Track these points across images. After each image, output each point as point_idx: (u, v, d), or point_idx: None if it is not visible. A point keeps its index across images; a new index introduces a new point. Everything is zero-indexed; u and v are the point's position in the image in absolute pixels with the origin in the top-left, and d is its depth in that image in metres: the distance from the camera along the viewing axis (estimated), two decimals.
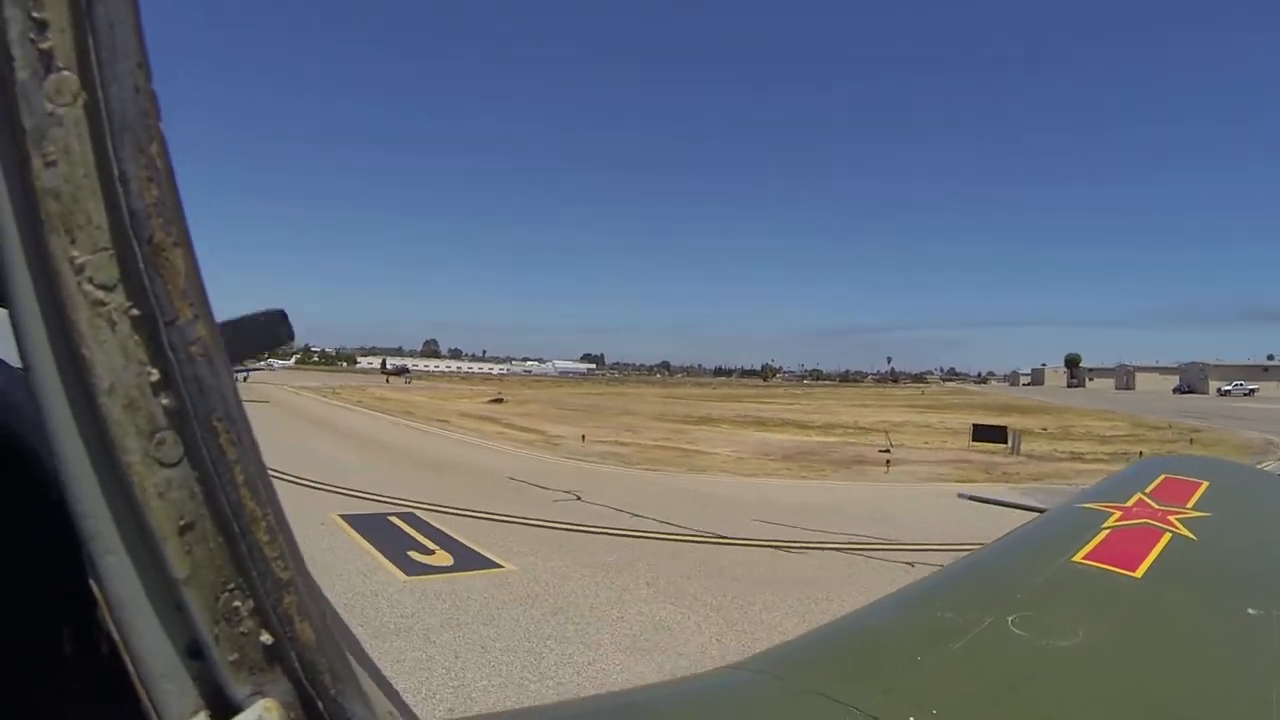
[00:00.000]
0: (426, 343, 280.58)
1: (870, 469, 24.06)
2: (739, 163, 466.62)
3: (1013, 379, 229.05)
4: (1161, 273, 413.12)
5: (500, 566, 9.81)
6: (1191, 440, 34.37)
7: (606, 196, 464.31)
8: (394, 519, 12.40)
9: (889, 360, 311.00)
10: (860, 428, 44.38)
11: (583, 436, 28.53)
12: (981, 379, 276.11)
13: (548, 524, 12.74)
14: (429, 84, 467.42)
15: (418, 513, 12.96)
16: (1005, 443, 31.20)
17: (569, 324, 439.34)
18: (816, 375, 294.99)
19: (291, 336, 0.89)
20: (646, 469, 21.57)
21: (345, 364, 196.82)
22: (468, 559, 10.10)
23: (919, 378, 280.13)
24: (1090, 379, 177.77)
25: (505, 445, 25.93)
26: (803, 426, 43.98)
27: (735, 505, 15.92)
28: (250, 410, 0.67)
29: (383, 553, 10.15)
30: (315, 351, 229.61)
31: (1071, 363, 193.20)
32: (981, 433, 32.93)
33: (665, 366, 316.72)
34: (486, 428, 32.90)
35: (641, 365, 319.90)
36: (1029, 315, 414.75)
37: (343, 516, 12.23)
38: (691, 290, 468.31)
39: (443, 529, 11.78)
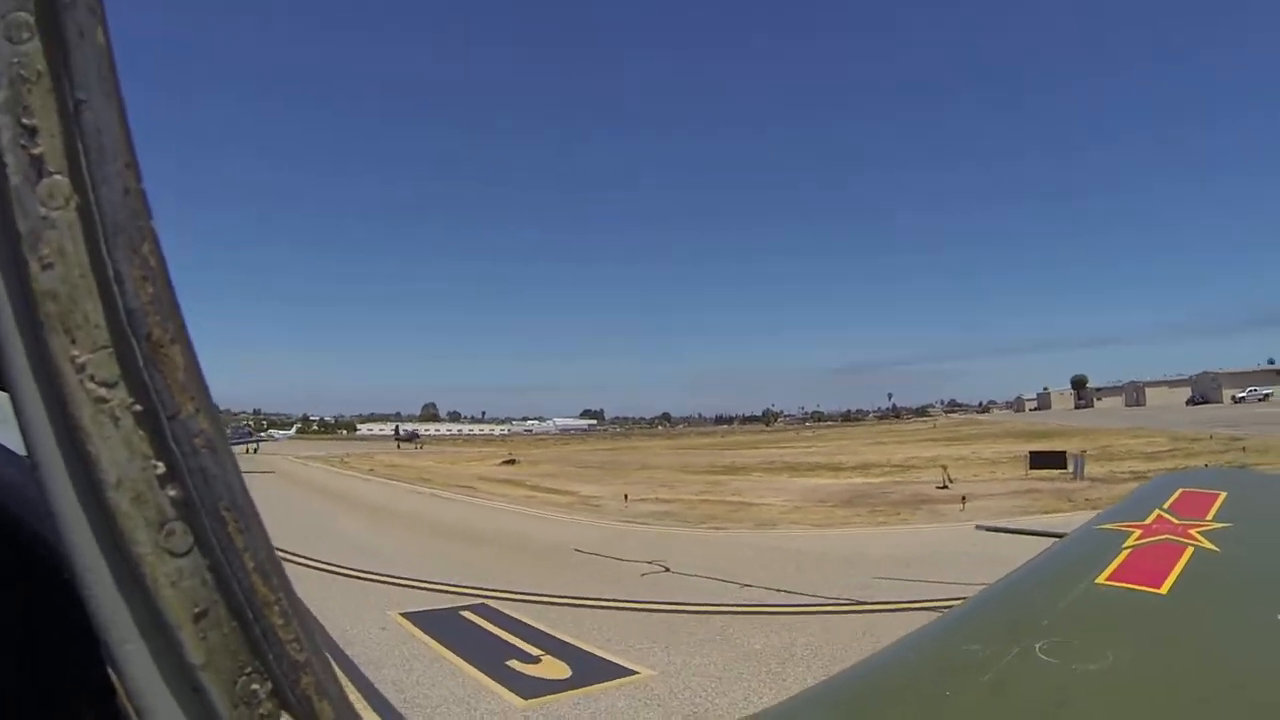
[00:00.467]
0: (425, 406, 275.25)
1: (941, 508, 22.26)
2: (716, 209, 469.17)
3: (1017, 405, 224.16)
4: (1156, 285, 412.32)
5: (634, 673, 7.66)
6: (1244, 448, 32.67)
7: (591, 253, 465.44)
8: (468, 614, 10.20)
9: (890, 396, 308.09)
10: (895, 465, 42.95)
11: (625, 496, 26.48)
12: (983, 408, 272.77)
13: (652, 606, 10.64)
14: (410, 146, 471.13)
15: (491, 603, 10.75)
16: (1064, 468, 29.65)
17: (564, 381, 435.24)
18: (818, 417, 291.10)
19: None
20: (711, 528, 19.49)
21: (345, 431, 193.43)
22: (587, 666, 7.91)
23: (921, 411, 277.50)
24: (1098, 398, 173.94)
25: (544, 511, 23.75)
26: (836, 469, 42.42)
27: (836, 562, 14.00)
28: (257, 481, 0.63)
29: (475, 665, 7.96)
30: (314, 420, 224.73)
31: (1078, 384, 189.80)
32: (1039, 459, 31.44)
33: (666, 418, 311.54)
34: (514, 491, 30.77)
35: (641, 418, 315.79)
36: (1022, 341, 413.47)
37: (405, 616, 10.01)
38: (685, 340, 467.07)
39: (533, 623, 9.59)
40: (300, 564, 13.25)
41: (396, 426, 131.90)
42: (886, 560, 13.74)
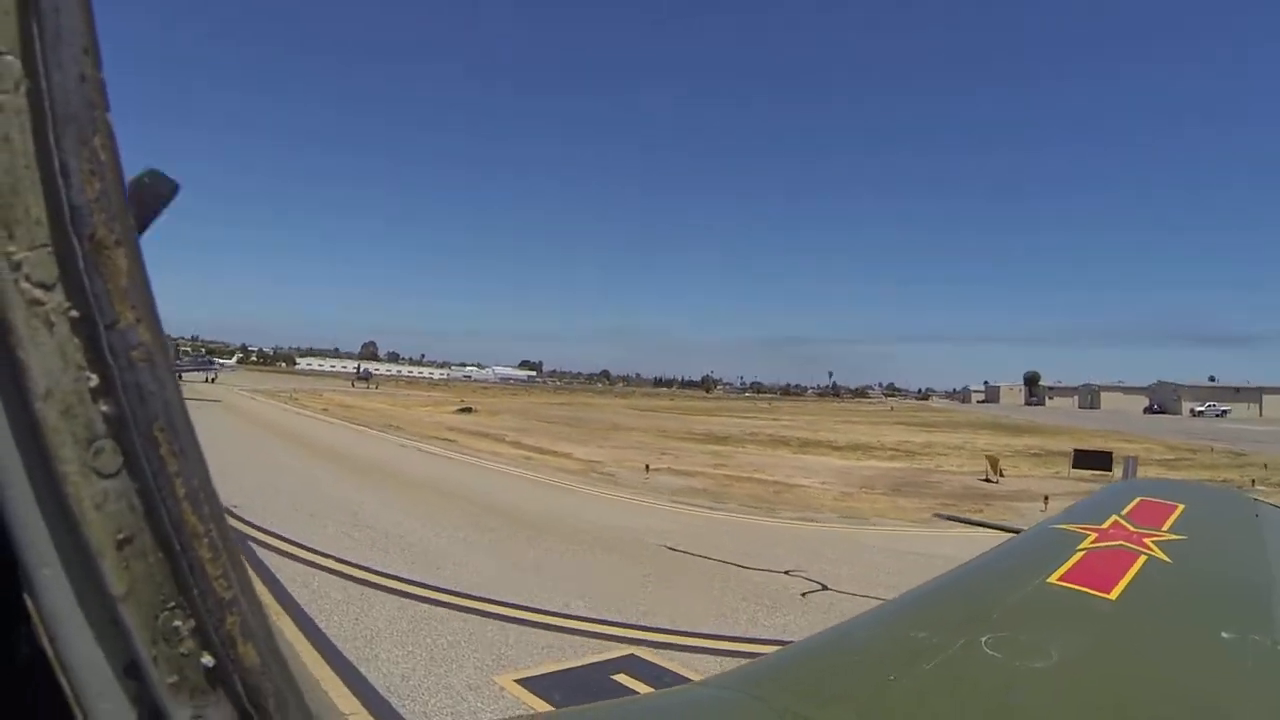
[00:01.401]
0: (365, 345, 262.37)
1: (1018, 505, 19.27)
2: (679, 173, 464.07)
3: (964, 395, 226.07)
4: (1105, 293, 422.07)
5: None
6: (1266, 466, 31.22)
7: (543, 203, 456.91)
8: (625, 680, 6.11)
9: (830, 374, 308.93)
10: (892, 449, 40.79)
11: (646, 466, 22.61)
12: (923, 395, 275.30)
13: None
14: (364, 83, 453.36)
15: (639, 651, 6.75)
16: (1108, 469, 27.37)
17: (504, 329, 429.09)
18: (758, 388, 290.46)
19: (176, 189, 0.76)
20: (795, 518, 15.66)
21: (284, 365, 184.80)
22: None
23: (860, 392, 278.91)
24: (1049, 397, 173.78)
25: (558, 479, 19.58)
26: (832, 447, 39.64)
27: None
28: (203, 413, 0.63)
29: None
30: (252, 351, 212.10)
31: (1031, 380, 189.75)
32: (1084, 459, 29.50)
33: (605, 376, 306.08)
34: (501, 449, 26.57)
35: (579, 373, 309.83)
36: (963, 332, 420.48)
37: (527, 685, 5.87)
38: (626, 297, 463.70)
39: None
40: (315, 564, 9.00)
41: (358, 365, 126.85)
42: None
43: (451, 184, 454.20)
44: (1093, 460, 28.87)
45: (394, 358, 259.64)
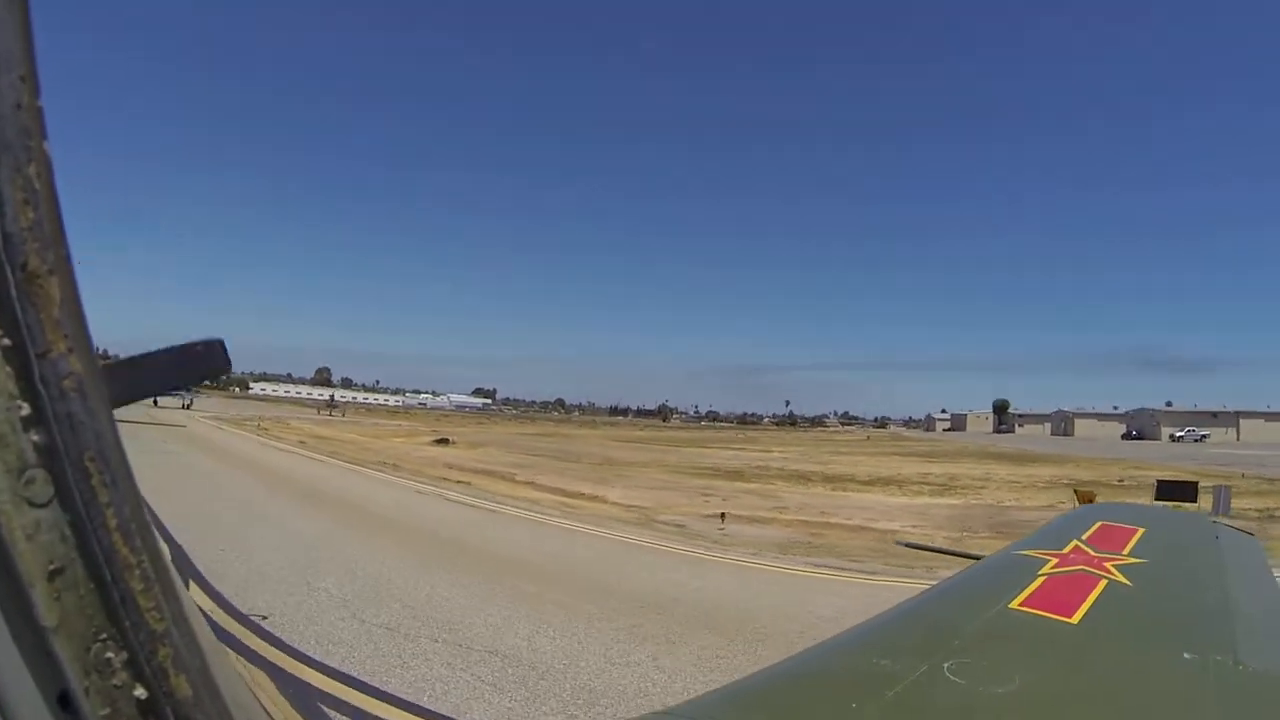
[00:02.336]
0: (318, 370, 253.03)
1: None
2: (629, 210, 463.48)
3: (927, 424, 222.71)
4: (1063, 321, 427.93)
5: None
6: None
7: (493, 229, 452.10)
8: None
9: (788, 403, 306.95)
10: (917, 481, 37.78)
11: (722, 515, 18.90)
12: (879, 423, 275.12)
13: None
14: (312, 107, 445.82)
15: None
16: (1193, 501, 24.35)
17: (457, 355, 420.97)
18: (714, 417, 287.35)
19: (229, 365, 0.80)
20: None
21: (238, 389, 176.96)
22: None
23: (817, 421, 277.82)
24: (1019, 424, 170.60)
25: (623, 533, 15.69)
26: (860, 482, 36.59)
27: None
28: (173, 444, 0.60)
29: None
30: None
31: (1000, 408, 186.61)
32: (1166, 490, 26.46)
33: (560, 404, 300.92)
34: (526, 493, 22.85)
35: (534, 401, 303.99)
36: (916, 359, 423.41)
37: None
38: (579, 326, 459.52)
39: None
40: None
41: (331, 395, 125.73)
42: None
43: (406, 205, 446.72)
44: (1177, 491, 26.18)
45: (348, 383, 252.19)
